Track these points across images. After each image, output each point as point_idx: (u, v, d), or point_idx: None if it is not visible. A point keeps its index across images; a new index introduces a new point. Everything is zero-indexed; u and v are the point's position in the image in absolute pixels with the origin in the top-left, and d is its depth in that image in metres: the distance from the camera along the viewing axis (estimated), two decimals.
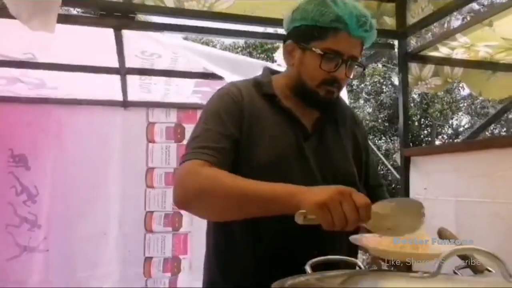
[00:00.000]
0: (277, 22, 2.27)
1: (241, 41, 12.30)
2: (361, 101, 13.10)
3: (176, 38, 2.37)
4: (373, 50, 2.67)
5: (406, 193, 2.37)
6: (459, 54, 2.49)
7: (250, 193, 1.05)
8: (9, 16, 2.01)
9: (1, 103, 3.17)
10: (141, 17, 2.24)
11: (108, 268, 3.34)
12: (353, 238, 1.09)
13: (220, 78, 2.69)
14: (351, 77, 1.28)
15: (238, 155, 1.18)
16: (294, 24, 1.23)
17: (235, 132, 1.19)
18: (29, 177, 3.28)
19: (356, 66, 1.26)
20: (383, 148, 12.98)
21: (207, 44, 10.34)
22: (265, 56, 11.07)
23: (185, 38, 2.47)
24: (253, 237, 1.19)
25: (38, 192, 3.29)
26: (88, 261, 3.32)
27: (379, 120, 12.73)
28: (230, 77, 2.43)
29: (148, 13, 2.21)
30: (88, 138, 3.35)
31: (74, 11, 2.00)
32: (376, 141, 13.02)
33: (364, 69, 1.34)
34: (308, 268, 1.07)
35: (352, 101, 12.48)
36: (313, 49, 1.18)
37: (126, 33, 2.28)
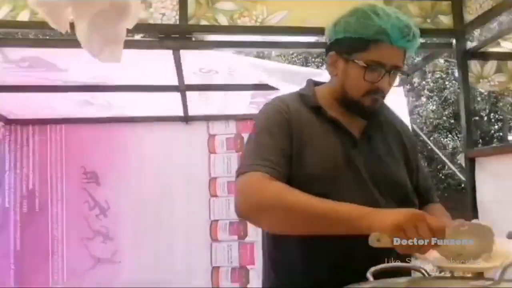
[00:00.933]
0: None
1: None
2: (423, 99, 12.67)
3: (231, 53, 2.45)
4: (430, 50, 2.61)
5: (473, 196, 2.29)
6: None
7: (315, 212, 1.06)
8: (79, 45, 2.19)
9: (73, 124, 3.42)
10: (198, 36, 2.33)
11: (177, 278, 3.46)
12: None
13: (274, 88, 2.74)
14: (394, 84, 1.29)
15: (290, 168, 1.20)
16: (336, 36, 1.25)
17: (287, 146, 1.21)
18: (100, 193, 3.49)
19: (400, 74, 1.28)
20: (450, 146, 12.48)
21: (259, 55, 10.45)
22: (321, 60, 11.02)
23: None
24: (312, 247, 1.20)
25: (109, 207, 3.49)
26: (157, 272, 3.46)
27: (444, 118, 12.25)
28: (285, 87, 2.47)
29: (204, 32, 2.29)
30: (153, 153, 3.51)
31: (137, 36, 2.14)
32: (442, 139, 12.55)
33: (407, 76, 1.34)
34: (369, 276, 1.08)
35: (413, 99, 12.12)
36: (356, 61, 1.20)
37: (184, 53, 2.39)
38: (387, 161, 1.31)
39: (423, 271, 1.06)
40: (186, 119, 3.49)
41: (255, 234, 3.55)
